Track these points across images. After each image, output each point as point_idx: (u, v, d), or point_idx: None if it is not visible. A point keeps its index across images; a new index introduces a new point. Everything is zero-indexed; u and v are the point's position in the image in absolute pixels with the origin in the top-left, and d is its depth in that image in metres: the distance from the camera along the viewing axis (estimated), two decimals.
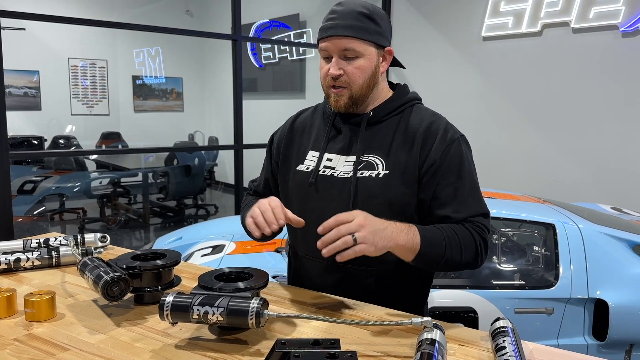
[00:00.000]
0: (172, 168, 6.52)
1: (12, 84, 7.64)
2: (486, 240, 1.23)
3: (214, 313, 0.97)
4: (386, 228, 1.09)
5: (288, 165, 1.38)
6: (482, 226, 1.24)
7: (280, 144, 1.43)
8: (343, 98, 1.27)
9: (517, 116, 5.03)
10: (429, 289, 1.41)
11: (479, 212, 1.25)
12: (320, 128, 1.38)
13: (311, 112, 1.45)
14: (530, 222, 2.60)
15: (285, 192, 1.38)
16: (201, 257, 2.84)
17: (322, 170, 1.31)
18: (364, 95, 1.28)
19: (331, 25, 1.24)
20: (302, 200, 1.32)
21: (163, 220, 6.73)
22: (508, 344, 0.90)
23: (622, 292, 2.35)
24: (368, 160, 1.27)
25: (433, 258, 1.16)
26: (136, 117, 8.89)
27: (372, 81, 1.28)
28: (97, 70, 8.44)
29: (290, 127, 1.44)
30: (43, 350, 0.97)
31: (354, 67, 1.25)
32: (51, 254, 1.45)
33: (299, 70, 7.62)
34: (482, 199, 1.28)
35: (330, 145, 1.33)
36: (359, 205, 1.23)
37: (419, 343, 0.89)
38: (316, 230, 1.27)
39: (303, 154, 1.36)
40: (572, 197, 4.31)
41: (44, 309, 1.10)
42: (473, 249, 1.21)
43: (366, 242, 1.04)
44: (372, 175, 1.25)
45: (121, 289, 1.11)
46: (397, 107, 1.32)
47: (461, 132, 1.30)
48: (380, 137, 1.29)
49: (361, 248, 1.04)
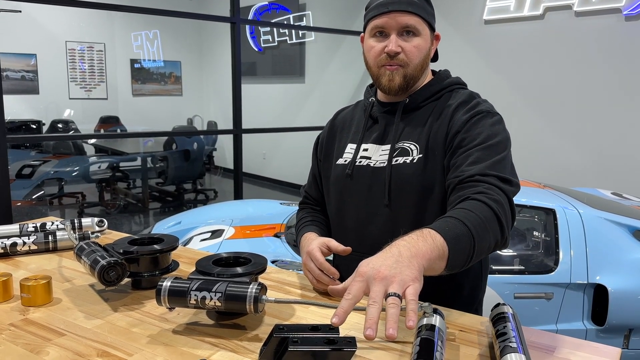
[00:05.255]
0: (171, 153, 6.50)
1: (9, 68, 7.58)
2: (502, 204, 1.03)
3: (211, 298, 0.96)
4: (400, 252, 0.85)
5: (330, 161, 1.37)
6: (494, 189, 1.05)
7: (323, 142, 1.43)
8: (398, 77, 1.21)
9: (518, 100, 5.00)
10: (480, 282, 1.29)
11: (494, 173, 1.08)
12: (359, 121, 1.35)
13: (352, 108, 1.43)
14: (531, 207, 2.59)
15: (327, 187, 1.37)
16: (200, 242, 2.84)
17: (359, 161, 1.28)
18: (417, 77, 1.23)
19: (392, 0, 1.19)
20: (340, 193, 1.31)
21: (162, 205, 6.73)
22: (509, 330, 0.89)
23: (622, 278, 2.35)
24: (403, 146, 1.23)
25: (464, 252, 0.95)
26: (134, 101, 8.84)
27: (424, 64, 1.24)
28: (95, 54, 8.38)
29: (331, 125, 1.43)
30: (39, 335, 0.96)
31: (413, 46, 1.20)
32: (48, 239, 1.43)
33: (299, 54, 7.56)
34: (509, 170, 1.12)
35: (367, 136, 1.31)
36: (393, 193, 1.21)
37: (419, 328, 0.88)
38: (352, 223, 1.29)
39: (343, 148, 1.35)
40: (572, 182, 4.30)
41: (40, 293, 1.09)
42: (494, 221, 1.01)
43: (405, 283, 0.80)
44: (407, 162, 1.21)
45: (118, 274, 1.10)
46: (435, 92, 1.26)
47: (499, 113, 1.21)
48: (415, 122, 1.25)
49: (410, 293, 0.79)
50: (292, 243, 2.71)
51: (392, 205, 1.22)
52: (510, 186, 1.08)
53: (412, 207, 1.20)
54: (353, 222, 1.29)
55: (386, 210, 1.22)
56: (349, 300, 0.79)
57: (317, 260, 1.20)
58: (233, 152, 4.65)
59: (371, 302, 0.74)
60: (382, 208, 1.23)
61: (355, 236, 1.29)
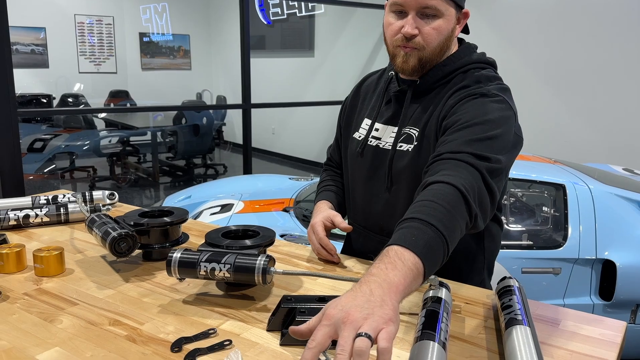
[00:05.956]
0: (180, 127, 6.51)
1: (18, 41, 7.56)
2: (469, 180, 0.94)
3: (220, 269, 0.97)
4: (371, 290, 0.72)
5: (349, 131, 1.35)
6: (464, 165, 0.97)
7: (346, 107, 1.39)
8: (412, 59, 1.14)
9: (528, 74, 4.93)
10: (487, 255, 1.26)
11: (469, 150, 0.99)
12: (379, 94, 1.30)
13: (378, 75, 1.36)
14: (540, 182, 2.58)
15: (345, 157, 1.36)
16: (210, 216, 2.86)
17: (370, 140, 1.26)
18: (434, 60, 1.16)
19: None
20: (352, 168, 1.31)
21: (172, 180, 6.77)
22: (514, 303, 0.90)
23: (630, 253, 2.34)
24: (408, 132, 1.18)
25: (438, 257, 0.86)
26: (144, 75, 8.82)
27: (445, 45, 1.15)
28: (104, 27, 8.33)
29: (356, 91, 1.39)
30: (52, 305, 0.98)
31: (432, 28, 1.11)
32: (60, 211, 1.45)
33: (308, 27, 7.47)
34: (495, 149, 1.01)
35: (381, 114, 1.26)
36: (393, 178, 1.20)
37: (425, 300, 0.89)
38: (360, 201, 1.30)
39: (361, 120, 1.32)
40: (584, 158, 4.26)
41: (52, 264, 1.11)
42: (460, 202, 0.91)
43: (378, 325, 0.67)
44: (409, 149, 1.17)
45: (129, 245, 1.12)
46: (447, 74, 1.18)
47: (502, 95, 1.10)
48: (422, 107, 1.18)
49: (383, 338, 0.66)
50: (301, 217, 2.73)
51: (392, 190, 1.21)
52: (487, 162, 0.99)
53: (408, 195, 1.17)
54: (360, 200, 1.30)
55: (386, 194, 1.22)
56: (312, 350, 0.67)
57: (317, 235, 1.23)
58: (242, 127, 4.65)
59: (339, 351, 0.64)
60: (383, 191, 1.22)
61: (362, 213, 1.30)
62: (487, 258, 1.26)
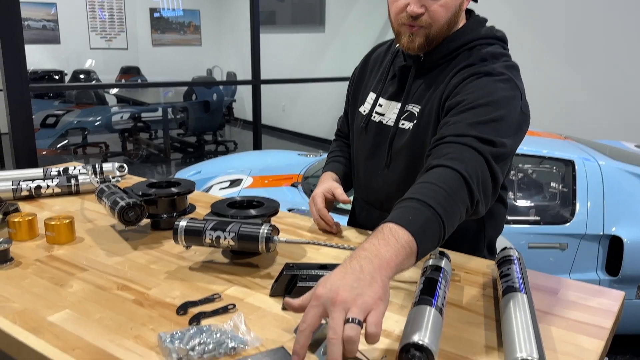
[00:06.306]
0: (191, 103, 6.53)
1: (30, 17, 7.58)
2: (473, 166, 0.92)
3: (225, 238, 0.99)
4: (361, 266, 0.72)
5: (355, 104, 1.34)
6: (467, 149, 0.94)
7: (355, 78, 1.37)
8: (418, 39, 1.09)
9: (542, 49, 4.85)
10: (489, 234, 1.25)
11: (473, 134, 0.96)
12: (385, 67, 1.26)
13: (387, 47, 1.32)
14: (550, 158, 2.57)
15: (352, 131, 1.36)
16: (219, 190, 2.90)
17: (374, 116, 1.25)
18: (442, 35, 1.11)
19: None
20: (357, 143, 1.31)
21: (183, 156, 6.82)
22: (513, 271, 0.91)
23: (638, 229, 2.34)
24: (411, 110, 1.16)
25: (434, 238, 0.84)
26: (154, 51, 8.81)
27: (453, 20, 1.10)
28: (115, 3, 8.31)
29: (364, 62, 1.36)
30: (63, 270, 1.01)
31: (439, 5, 1.06)
32: (70, 182, 1.48)
33: (318, 2, 7.39)
34: (500, 132, 0.98)
35: (385, 89, 1.24)
36: (393, 156, 1.19)
37: (424, 269, 0.91)
38: (362, 175, 1.31)
39: (367, 94, 1.30)
40: (597, 135, 4.22)
41: (63, 232, 1.14)
42: (462, 187, 0.90)
43: (367, 307, 0.67)
44: (410, 128, 1.15)
45: (137, 214, 1.14)
46: (453, 50, 1.13)
47: (508, 73, 1.06)
48: (426, 84, 1.15)
49: (372, 322, 0.67)
50: (309, 192, 2.75)
51: (390, 167, 1.21)
52: (492, 147, 0.96)
53: (405, 173, 1.17)
54: (362, 174, 1.30)
55: (385, 170, 1.22)
56: (304, 333, 0.68)
57: (317, 206, 1.24)
58: (252, 104, 4.65)
59: (331, 335, 0.65)
60: (382, 168, 1.23)
61: (365, 188, 1.31)
62: (487, 237, 1.26)
